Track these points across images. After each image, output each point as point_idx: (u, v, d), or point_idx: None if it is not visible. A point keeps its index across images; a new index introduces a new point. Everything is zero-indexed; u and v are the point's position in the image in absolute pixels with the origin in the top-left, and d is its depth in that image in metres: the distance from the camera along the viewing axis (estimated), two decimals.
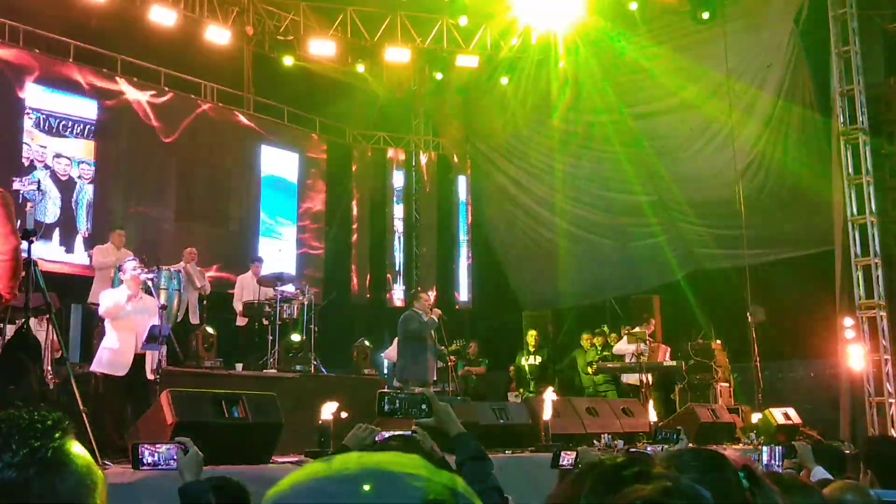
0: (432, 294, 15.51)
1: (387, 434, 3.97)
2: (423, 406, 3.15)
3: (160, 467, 3.00)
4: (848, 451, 8.73)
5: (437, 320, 9.65)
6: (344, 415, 6.33)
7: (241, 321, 11.36)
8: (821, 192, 12.32)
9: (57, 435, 1.12)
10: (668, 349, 12.10)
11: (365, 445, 3.48)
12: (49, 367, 6.82)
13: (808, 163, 12.89)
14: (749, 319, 11.81)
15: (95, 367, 7.45)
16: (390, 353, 12.21)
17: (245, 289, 11.37)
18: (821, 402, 12.45)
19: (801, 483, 2.23)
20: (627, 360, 11.84)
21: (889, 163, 11.91)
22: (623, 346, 12.04)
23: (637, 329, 12.18)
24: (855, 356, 11.17)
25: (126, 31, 12.54)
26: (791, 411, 11.09)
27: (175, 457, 2.95)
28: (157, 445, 3.03)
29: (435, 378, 9.94)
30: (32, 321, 5.61)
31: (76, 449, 1.14)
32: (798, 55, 12.36)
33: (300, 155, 15.64)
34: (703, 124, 13.51)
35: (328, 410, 6.49)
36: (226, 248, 14.07)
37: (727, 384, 12.35)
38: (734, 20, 12.57)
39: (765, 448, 4.81)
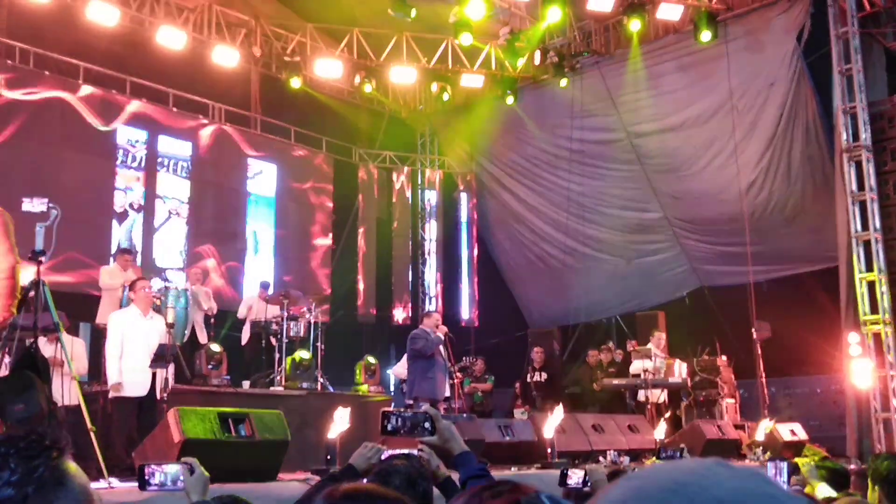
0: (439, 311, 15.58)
1: (392, 452, 4.02)
2: (427, 424, 3.19)
3: (167, 488, 3.03)
4: (855, 467, 8.73)
5: (442, 337, 9.68)
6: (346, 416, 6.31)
7: (247, 339, 11.42)
8: (824, 208, 12.36)
9: (54, 454, 1.15)
10: (685, 364, 12.01)
11: (371, 464, 3.53)
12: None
13: (812, 179, 12.94)
14: (754, 336, 11.82)
15: (113, 389, 7.49)
16: (397, 370, 12.25)
17: (252, 309, 11.44)
18: (827, 419, 12.45)
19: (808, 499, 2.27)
20: (642, 379, 11.75)
21: (892, 179, 11.93)
22: (638, 365, 11.92)
23: (649, 345, 12.13)
24: (861, 372, 11.16)
25: (135, 53, 12.68)
26: (797, 427, 11.09)
27: (181, 477, 2.99)
28: (164, 466, 3.07)
29: (447, 394, 9.94)
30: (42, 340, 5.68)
31: (73, 468, 1.17)
32: (800, 73, 12.43)
33: (307, 174, 15.75)
34: (706, 142, 13.58)
35: (341, 419, 6.48)
36: (234, 267, 14.16)
37: (733, 400, 12.36)
38: (736, 39, 12.65)
39: (770, 464, 4.84)
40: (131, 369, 7.46)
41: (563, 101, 14.54)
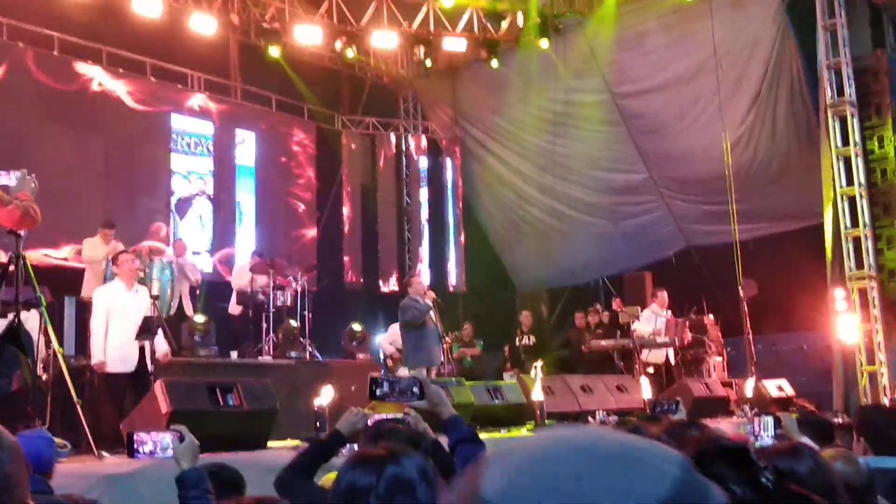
0: (426, 276, 15.56)
1: (379, 417, 4.01)
2: (415, 389, 3.18)
3: (156, 456, 3.02)
4: (841, 421, 8.81)
5: (430, 304, 9.65)
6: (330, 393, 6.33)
7: (235, 309, 11.37)
8: (810, 165, 12.36)
9: None
10: (686, 321, 12.01)
11: (357, 430, 3.52)
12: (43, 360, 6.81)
13: (797, 136, 12.93)
14: (741, 294, 11.87)
15: (97, 367, 7.42)
16: (383, 343, 12.26)
17: (242, 277, 11.38)
18: (814, 374, 12.55)
19: (792, 447, 2.26)
20: (648, 339, 11.74)
21: (877, 134, 11.94)
22: (643, 326, 11.90)
23: (653, 305, 12.07)
24: (847, 327, 11.24)
25: (110, 22, 12.46)
26: (784, 383, 11.18)
27: (171, 445, 2.98)
28: (153, 434, 3.05)
29: (442, 360, 9.93)
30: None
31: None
32: (784, 29, 12.36)
33: (289, 142, 15.62)
34: (691, 101, 13.51)
35: (327, 394, 6.52)
36: (218, 235, 14.09)
37: (720, 358, 12.44)
38: None
39: (755, 419, 4.86)
40: (118, 345, 7.38)
41: (546, 63, 14.42)
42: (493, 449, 0.83)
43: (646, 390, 9.26)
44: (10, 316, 5.34)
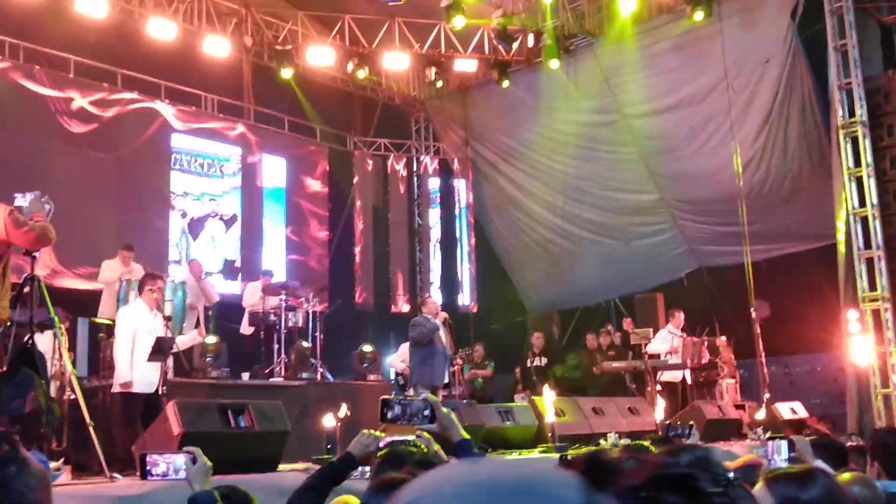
0: (438, 297, 15.56)
1: (391, 439, 4.00)
2: (427, 412, 3.18)
3: (169, 477, 3.02)
4: (855, 444, 8.73)
5: (439, 323, 9.67)
6: (345, 413, 6.35)
7: (246, 330, 11.40)
8: (822, 185, 12.33)
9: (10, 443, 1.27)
10: (704, 342, 11.93)
11: (369, 452, 3.52)
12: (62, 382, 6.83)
13: (809, 156, 12.90)
14: (753, 315, 11.81)
15: (123, 387, 7.45)
16: (394, 361, 12.25)
17: (253, 297, 11.41)
18: (828, 397, 12.47)
19: (806, 472, 2.25)
20: (663, 358, 11.70)
21: (889, 155, 11.90)
22: (657, 346, 11.85)
23: (669, 326, 12.01)
24: (860, 349, 11.15)
25: (125, 45, 12.59)
26: (798, 406, 11.09)
27: (184, 467, 2.98)
28: (166, 455, 3.06)
29: (446, 381, 9.92)
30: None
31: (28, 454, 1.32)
32: (795, 50, 12.37)
33: (301, 164, 15.70)
34: (702, 122, 13.52)
35: (338, 414, 6.53)
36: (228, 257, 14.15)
37: (733, 380, 12.36)
38: (730, 17, 12.58)
39: (769, 443, 4.82)
40: (141, 366, 7.42)
41: (557, 84, 14.47)
42: (413, 484, 0.84)
43: (659, 413, 9.22)
44: (25, 337, 5.37)
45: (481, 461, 0.85)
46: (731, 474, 1.45)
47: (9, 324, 5.25)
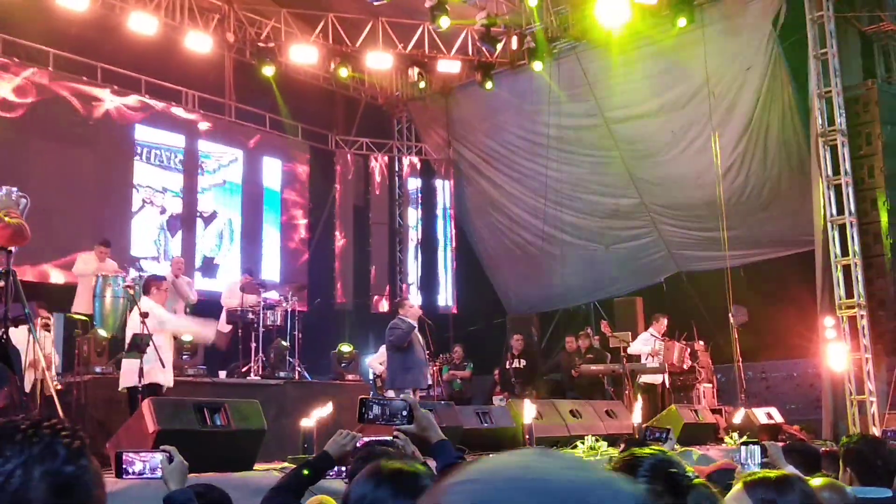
0: (416, 298, 15.54)
1: (367, 439, 3.99)
2: (405, 413, 3.17)
3: (145, 476, 2.98)
4: (829, 450, 8.79)
5: (414, 323, 9.64)
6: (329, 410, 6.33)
7: (224, 328, 11.32)
8: (801, 192, 12.43)
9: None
10: (687, 348, 11.98)
11: (346, 451, 3.50)
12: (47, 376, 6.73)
13: (789, 164, 13.01)
14: (731, 320, 11.88)
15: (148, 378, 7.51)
16: (373, 363, 12.21)
17: (232, 296, 11.34)
18: (803, 402, 12.56)
19: (781, 477, 2.26)
20: (643, 361, 11.74)
21: (867, 164, 12.02)
22: (639, 346, 11.88)
23: (652, 329, 12.03)
24: (836, 356, 11.25)
25: (106, 40, 12.48)
26: (774, 411, 11.16)
27: (160, 465, 2.95)
28: (142, 454, 3.02)
29: (430, 383, 9.84)
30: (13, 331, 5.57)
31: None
32: (776, 58, 12.46)
33: (282, 161, 15.63)
34: (683, 127, 13.59)
35: (317, 416, 6.50)
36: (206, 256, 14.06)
37: (710, 385, 12.42)
38: (713, 24, 12.65)
39: (742, 448, 4.84)
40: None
41: (540, 87, 14.50)
42: (457, 471, 0.83)
43: (636, 416, 9.24)
44: None
45: (542, 456, 0.83)
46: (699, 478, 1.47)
47: None
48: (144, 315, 7.71)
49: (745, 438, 9.44)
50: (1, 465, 1.17)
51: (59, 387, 6.55)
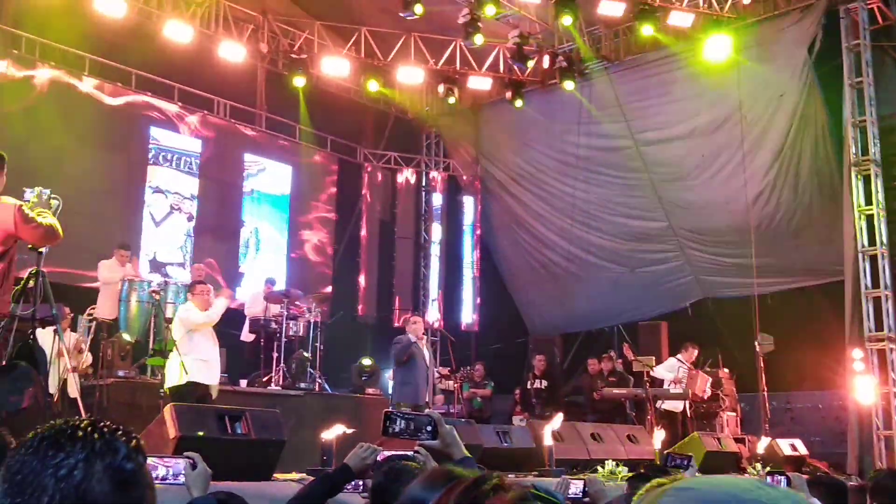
0: (435, 314, 15.51)
1: (388, 453, 3.95)
2: (430, 428, 3.13)
3: (168, 481, 2.98)
4: (857, 484, 8.63)
5: (412, 338, 9.72)
6: (349, 431, 6.30)
7: (247, 336, 11.34)
8: (832, 222, 12.28)
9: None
10: (710, 379, 11.85)
11: (366, 465, 3.46)
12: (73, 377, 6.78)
13: (820, 192, 12.86)
14: (757, 349, 11.73)
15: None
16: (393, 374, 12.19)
17: (255, 305, 11.37)
18: (829, 435, 12.35)
19: None
20: (666, 386, 11.64)
21: None
22: (663, 372, 11.76)
23: (679, 355, 11.92)
24: (864, 388, 11.07)
25: (141, 46, 12.61)
26: (798, 442, 10.99)
27: (183, 472, 2.93)
28: (166, 459, 3.02)
29: (426, 400, 9.79)
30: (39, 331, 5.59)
31: None
32: (811, 84, 12.35)
33: (310, 173, 15.69)
34: (714, 152, 13.49)
35: (334, 432, 6.47)
36: (235, 264, 14.10)
37: (734, 413, 12.26)
38: (748, 49, 12.58)
39: (767, 478, 4.76)
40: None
41: (570, 107, 14.47)
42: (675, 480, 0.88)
43: (657, 441, 9.13)
44: (27, 332, 5.32)
45: (761, 483, 0.90)
46: None
47: (10, 318, 5.21)
48: (169, 321, 7.75)
49: (768, 469, 9.31)
50: (63, 460, 1.23)
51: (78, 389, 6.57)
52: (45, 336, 5.78)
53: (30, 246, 5.29)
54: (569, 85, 13.88)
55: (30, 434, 1.30)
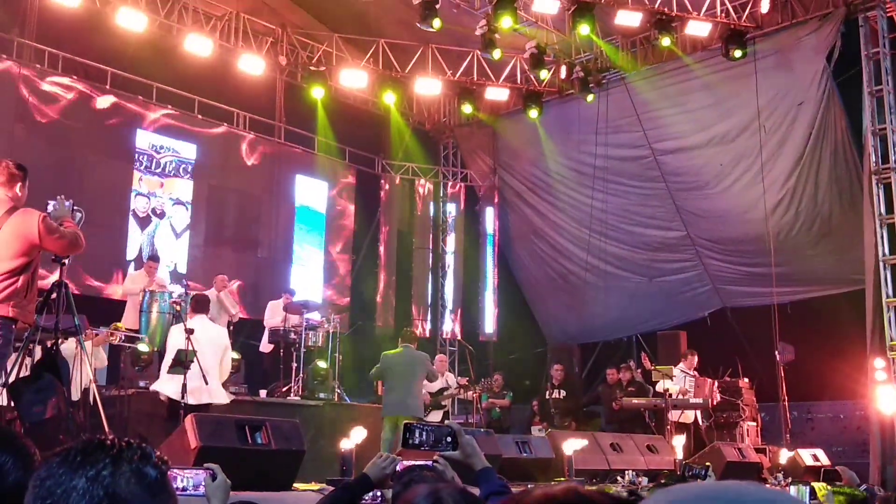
0: (451, 324, 15.48)
1: (408, 463, 3.96)
2: (449, 439, 3.14)
3: (188, 492, 3.01)
4: (886, 495, 8.55)
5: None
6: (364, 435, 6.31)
7: (266, 347, 11.39)
8: (852, 230, 12.20)
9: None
10: (716, 382, 11.78)
11: (385, 475, 3.48)
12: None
13: (840, 200, 12.79)
14: (777, 358, 11.66)
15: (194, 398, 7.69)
16: None
17: (274, 315, 11.42)
18: (850, 445, 12.25)
19: None
20: (675, 398, 11.58)
21: None
22: (669, 385, 11.73)
23: (681, 365, 11.89)
24: (886, 398, 10.97)
25: (162, 60, 12.74)
26: (820, 453, 10.91)
27: (203, 483, 2.96)
28: (186, 470, 3.05)
29: (400, 412, 9.50)
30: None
31: None
32: (830, 92, 12.30)
33: (329, 184, 15.77)
34: (732, 161, 13.46)
35: (355, 437, 6.50)
36: (253, 275, 14.17)
37: (754, 423, 12.18)
38: (766, 57, 12.55)
39: (791, 488, 4.74)
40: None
41: (588, 117, 14.46)
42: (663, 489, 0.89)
43: (677, 451, 9.10)
44: (49, 343, 5.39)
45: (744, 484, 0.92)
46: None
47: (34, 329, 5.27)
48: (190, 331, 7.79)
49: (790, 479, 9.25)
50: (92, 465, 1.29)
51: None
52: (68, 347, 5.84)
53: (53, 257, 5.36)
54: (589, 97, 13.89)
55: (56, 449, 1.36)
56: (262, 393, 10.24)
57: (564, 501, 1.14)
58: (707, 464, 8.11)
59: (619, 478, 8.52)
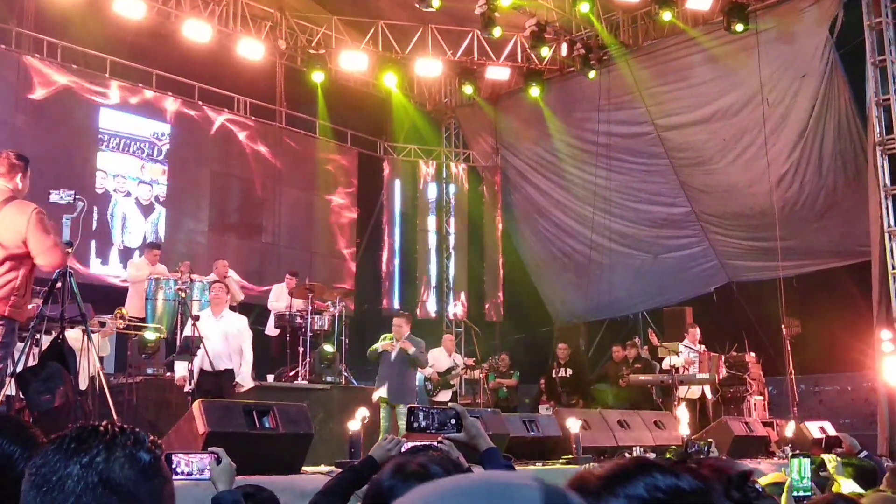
0: (461, 305, 15.47)
1: (413, 444, 3.98)
2: (454, 421, 3.16)
3: (193, 476, 3.02)
4: (890, 465, 8.55)
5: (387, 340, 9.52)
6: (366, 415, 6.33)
7: (272, 332, 11.42)
8: (857, 202, 12.16)
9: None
10: (722, 356, 11.77)
11: (391, 456, 3.49)
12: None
13: (844, 173, 12.73)
14: (783, 332, 11.65)
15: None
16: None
17: (279, 299, 11.44)
18: (858, 417, 12.26)
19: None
20: (681, 373, 11.59)
21: None
22: (676, 361, 11.72)
23: (685, 341, 11.88)
24: (893, 369, 10.96)
25: (160, 46, 12.71)
26: (827, 425, 10.92)
27: (208, 466, 2.98)
28: (191, 455, 3.06)
29: (385, 395, 9.41)
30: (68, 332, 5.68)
31: None
32: (833, 64, 12.22)
33: (331, 167, 15.74)
34: (736, 135, 13.39)
35: (359, 417, 6.53)
36: (256, 260, 14.19)
37: (761, 397, 12.20)
38: (768, 30, 12.46)
39: (793, 460, 4.74)
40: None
41: (589, 94, 14.41)
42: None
43: (684, 427, 9.11)
44: (54, 332, 5.41)
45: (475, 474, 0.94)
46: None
47: (39, 318, 5.29)
48: (196, 318, 7.82)
49: (794, 452, 9.25)
50: (86, 451, 1.32)
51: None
52: (74, 335, 5.86)
53: (35, 261, 5.09)
54: (591, 74, 13.82)
55: (52, 436, 1.38)
56: (270, 377, 10.28)
57: (637, 470, 1.16)
58: (710, 440, 8.12)
59: (626, 454, 8.54)
